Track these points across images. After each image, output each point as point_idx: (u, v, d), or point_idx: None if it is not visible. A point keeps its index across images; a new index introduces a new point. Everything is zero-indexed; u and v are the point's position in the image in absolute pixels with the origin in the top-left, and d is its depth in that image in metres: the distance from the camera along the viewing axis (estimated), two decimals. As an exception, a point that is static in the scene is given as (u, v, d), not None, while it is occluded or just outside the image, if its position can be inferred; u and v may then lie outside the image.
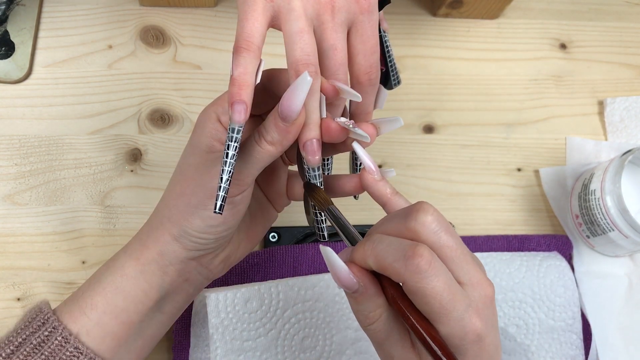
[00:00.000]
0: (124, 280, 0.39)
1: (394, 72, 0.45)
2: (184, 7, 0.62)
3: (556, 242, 0.58)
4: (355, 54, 0.37)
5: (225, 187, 0.32)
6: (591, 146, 0.63)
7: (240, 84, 0.33)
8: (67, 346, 0.37)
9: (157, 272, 0.40)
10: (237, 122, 0.32)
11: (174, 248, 0.39)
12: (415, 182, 0.60)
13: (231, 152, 0.33)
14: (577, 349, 0.54)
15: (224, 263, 0.43)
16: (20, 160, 0.55)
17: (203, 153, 0.38)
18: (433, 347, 0.31)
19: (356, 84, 0.38)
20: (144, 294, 0.40)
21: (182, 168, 0.40)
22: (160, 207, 0.41)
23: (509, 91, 0.64)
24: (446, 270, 0.31)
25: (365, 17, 0.36)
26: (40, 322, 0.38)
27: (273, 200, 0.44)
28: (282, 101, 0.34)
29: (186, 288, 0.42)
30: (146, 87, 0.59)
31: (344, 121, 0.36)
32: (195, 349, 0.50)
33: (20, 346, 0.38)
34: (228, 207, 0.37)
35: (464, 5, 0.63)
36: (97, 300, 0.39)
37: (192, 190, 0.38)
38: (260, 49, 0.34)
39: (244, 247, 0.44)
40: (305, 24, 0.34)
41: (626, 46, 0.67)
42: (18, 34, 0.57)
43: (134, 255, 0.40)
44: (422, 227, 0.32)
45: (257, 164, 0.36)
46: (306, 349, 0.50)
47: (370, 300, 0.32)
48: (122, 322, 0.39)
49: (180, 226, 0.38)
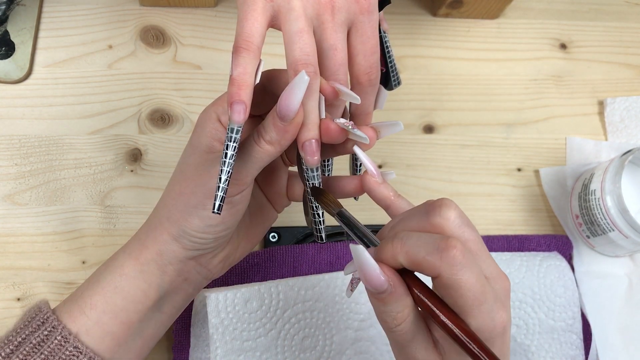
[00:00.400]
0: (123, 280, 0.39)
1: (394, 73, 0.45)
2: (184, 7, 0.62)
3: (556, 242, 0.58)
4: (355, 54, 0.37)
5: (224, 187, 0.32)
6: (591, 146, 0.63)
7: (239, 84, 0.33)
8: (66, 345, 0.37)
9: (156, 271, 0.40)
10: (236, 122, 0.32)
11: (173, 248, 0.39)
12: (415, 182, 0.60)
13: (230, 152, 0.33)
14: (577, 349, 0.54)
15: (223, 263, 0.43)
16: (20, 160, 0.55)
17: (203, 153, 0.38)
18: (466, 342, 0.30)
19: (356, 84, 0.38)
20: (143, 294, 0.40)
21: (181, 168, 0.40)
22: (160, 207, 0.41)
23: (509, 91, 0.64)
24: (476, 262, 0.32)
25: (365, 18, 0.36)
26: (40, 321, 0.38)
27: (273, 201, 0.44)
28: (279, 100, 0.34)
29: (185, 288, 0.42)
30: (146, 87, 0.59)
31: (344, 122, 0.36)
32: (195, 349, 0.50)
33: (20, 346, 0.38)
34: (227, 207, 0.37)
35: (464, 5, 0.63)
36: (96, 299, 0.39)
37: (191, 190, 0.38)
38: (260, 49, 0.34)
39: (243, 247, 0.44)
40: (305, 24, 0.34)
41: (626, 46, 0.67)
42: (18, 34, 0.57)
43: (133, 254, 0.40)
44: (446, 222, 0.32)
45: (256, 164, 0.36)
46: (306, 349, 0.50)
47: (398, 300, 0.32)
48: (122, 321, 0.39)
49: (179, 226, 0.39)
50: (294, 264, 0.54)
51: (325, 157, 0.40)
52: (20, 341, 0.38)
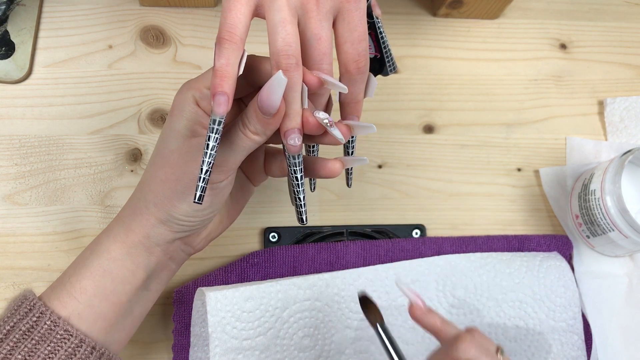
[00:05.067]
0: (111, 263, 0.40)
1: (389, 58, 0.44)
2: (184, 7, 0.62)
3: (556, 242, 0.58)
4: (342, 42, 0.37)
5: (206, 177, 0.33)
6: (591, 146, 0.63)
7: (222, 75, 0.33)
8: (56, 329, 0.38)
9: (144, 253, 0.41)
10: (218, 113, 0.33)
11: (161, 231, 0.40)
12: (415, 182, 0.60)
13: (212, 143, 0.33)
14: (578, 350, 0.54)
15: (206, 239, 0.44)
16: (20, 160, 0.55)
17: (185, 138, 0.38)
18: None
19: (345, 73, 0.38)
20: (132, 275, 0.41)
21: (163, 153, 0.40)
22: (145, 191, 0.41)
23: (509, 91, 0.64)
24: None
25: (352, 5, 0.36)
26: (27, 308, 0.39)
27: (251, 177, 0.45)
28: (260, 95, 0.34)
29: (170, 265, 0.43)
30: (146, 87, 0.59)
31: (322, 118, 0.36)
32: (195, 348, 0.50)
33: (9, 333, 0.38)
34: (214, 192, 0.38)
35: (464, 5, 0.63)
36: (85, 284, 0.40)
37: (177, 177, 0.38)
38: (244, 40, 0.34)
39: (225, 223, 0.45)
40: (288, 14, 0.34)
41: (626, 46, 0.67)
42: (18, 34, 0.57)
43: (118, 238, 0.41)
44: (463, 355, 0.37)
45: (242, 152, 0.37)
46: (305, 348, 0.50)
47: None
48: (112, 303, 0.40)
49: (167, 211, 0.39)
50: (293, 264, 0.54)
51: (307, 142, 0.40)
52: (9, 329, 0.38)
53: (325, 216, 0.58)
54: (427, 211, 0.59)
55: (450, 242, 0.57)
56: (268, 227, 0.57)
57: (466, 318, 0.54)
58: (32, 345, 0.37)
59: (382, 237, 0.57)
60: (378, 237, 0.57)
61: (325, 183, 0.59)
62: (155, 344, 0.53)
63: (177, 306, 0.52)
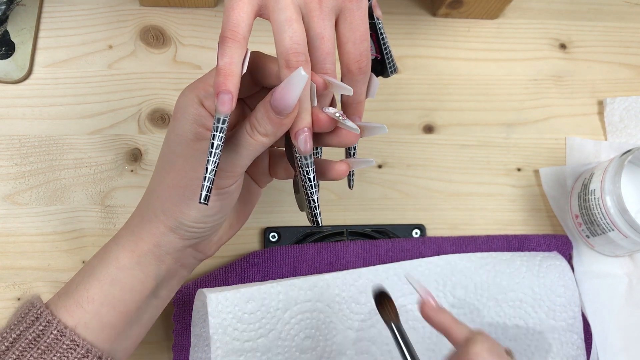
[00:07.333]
0: (119, 272, 0.39)
1: (390, 60, 0.44)
2: (184, 7, 0.62)
3: (556, 242, 0.58)
4: (344, 42, 0.37)
5: (211, 177, 0.33)
6: (591, 146, 0.63)
7: (225, 73, 0.33)
8: (63, 339, 0.37)
9: (154, 261, 0.40)
10: (222, 112, 0.32)
11: (170, 239, 0.39)
12: (415, 182, 0.60)
13: (217, 142, 0.33)
14: (578, 349, 0.54)
15: (217, 244, 0.44)
16: (20, 160, 0.55)
17: (190, 142, 0.37)
18: None
19: (346, 73, 0.37)
20: (141, 284, 0.40)
21: (169, 158, 0.39)
22: (152, 198, 0.40)
23: (509, 91, 0.64)
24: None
25: (354, 5, 0.36)
26: (34, 316, 0.38)
27: (256, 178, 0.45)
28: (275, 95, 0.33)
29: (181, 272, 0.42)
30: (146, 87, 0.59)
31: (333, 112, 0.36)
32: (196, 349, 0.50)
33: (15, 342, 0.37)
34: (223, 197, 0.38)
35: (464, 5, 0.63)
36: (93, 292, 0.39)
37: (185, 183, 0.38)
38: (247, 39, 0.34)
39: (235, 227, 0.45)
40: (294, 12, 0.34)
41: (626, 46, 0.67)
42: (18, 34, 0.57)
43: (127, 247, 0.40)
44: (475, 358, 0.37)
45: (250, 155, 0.36)
46: (307, 349, 0.50)
47: None
48: (120, 312, 0.39)
49: (176, 218, 0.39)
50: (294, 264, 0.54)
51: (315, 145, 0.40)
52: (16, 337, 0.37)
53: (325, 216, 0.58)
54: (427, 211, 0.59)
55: (450, 242, 0.57)
56: (268, 227, 0.57)
57: (466, 318, 0.54)
58: (38, 355, 0.37)
59: (382, 237, 0.57)
60: (378, 237, 0.57)
61: (326, 183, 0.59)
62: (156, 344, 0.53)
63: (177, 306, 0.52)
